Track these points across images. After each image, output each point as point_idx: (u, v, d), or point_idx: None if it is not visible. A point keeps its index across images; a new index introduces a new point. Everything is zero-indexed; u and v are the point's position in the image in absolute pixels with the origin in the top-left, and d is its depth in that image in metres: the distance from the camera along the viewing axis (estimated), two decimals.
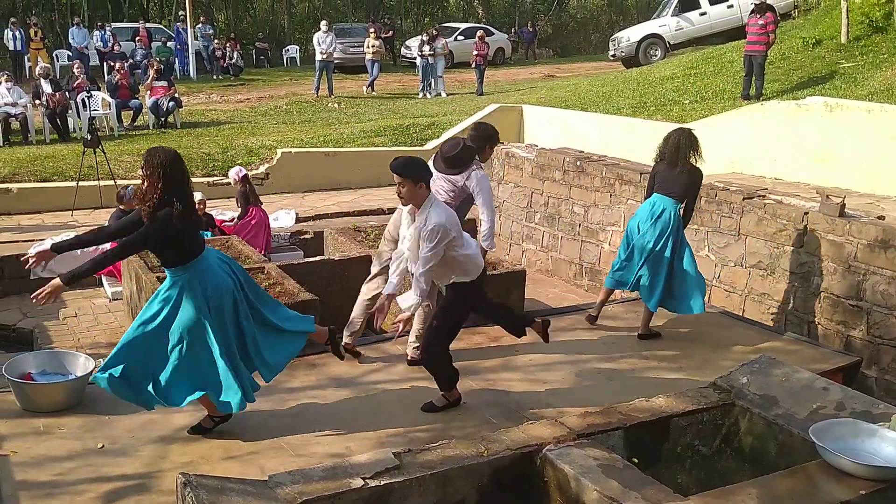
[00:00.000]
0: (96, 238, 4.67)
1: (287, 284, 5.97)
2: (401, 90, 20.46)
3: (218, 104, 18.18)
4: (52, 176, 10.67)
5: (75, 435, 4.38)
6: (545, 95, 16.53)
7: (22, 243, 8.45)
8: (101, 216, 9.23)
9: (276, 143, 12.48)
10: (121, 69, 14.96)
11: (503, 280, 6.41)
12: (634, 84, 15.59)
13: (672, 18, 20.47)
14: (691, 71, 15.45)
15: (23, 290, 8.00)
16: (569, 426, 4.11)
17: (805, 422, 4.08)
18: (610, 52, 21.83)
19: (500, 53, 27.09)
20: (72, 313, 7.43)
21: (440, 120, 14.65)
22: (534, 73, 24.27)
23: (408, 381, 5.16)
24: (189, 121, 15.36)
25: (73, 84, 14.10)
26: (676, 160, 5.78)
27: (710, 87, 13.91)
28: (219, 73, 22.66)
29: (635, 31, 21.43)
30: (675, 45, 20.58)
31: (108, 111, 14.12)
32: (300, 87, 20.47)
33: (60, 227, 9.12)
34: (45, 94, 13.29)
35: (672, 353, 5.69)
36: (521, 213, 9.26)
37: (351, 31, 25.32)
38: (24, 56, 20.77)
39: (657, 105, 13.26)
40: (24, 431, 4.40)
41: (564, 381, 5.20)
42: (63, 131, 13.43)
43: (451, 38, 24.27)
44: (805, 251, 6.45)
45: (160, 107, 14.53)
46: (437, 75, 19.42)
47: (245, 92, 20.05)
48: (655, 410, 4.35)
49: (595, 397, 4.86)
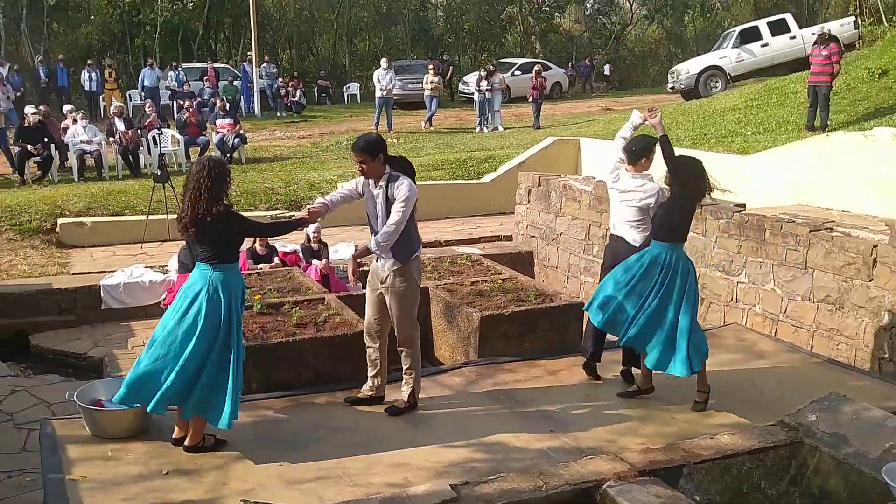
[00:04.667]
0: None
1: (346, 315, 6.04)
2: (458, 125, 20.69)
3: (281, 140, 18.67)
4: (123, 210, 11.08)
5: (141, 460, 4.49)
6: (602, 128, 16.49)
7: (94, 274, 8.79)
8: (170, 248, 9.53)
9: (337, 178, 12.74)
10: (189, 107, 15.53)
11: (561, 312, 6.37)
12: (694, 116, 15.44)
13: (733, 50, 20.28)
14: (753, 102, 15.22)
15: (94, 321, 8.32)
16: (630, 462, 4.04)
17: (877, 461, 3.92)
18: (669, 84, 21.71)
19: (557, 88, 27.19)
20: (140, 342, 7.67)
21: (497, 153, 14.74)
22: (591, 106, 24.26)
23: (465, 412, 5.15)
24: (253, 156, 15.82)
25: (145, 122, 14.68)
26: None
27: (773, 118, 13.68)
28: (282, 110, 23.30)
29: (695, 62, 21.29)
30: (736, 76, 20.35)
31: (176, 148, 14.65)
32: (360, 122, 20.89)
33: (131, 258, 9.46)
34: (119, 132, 13.87)
35: (737, 389, 5.54)
36: (579, 246, 9.21)
37: (410, 67, 25.79)
38: (100, 96, 21.77)
39: (718, 136, 13.09)
40: (93, 456, 4.53)
41: (624, 416, 5.11)
42: (134, 167, 13.97)
43: (508, 73, 24.49)
44: (874, 285, 6.24)
45: (226, 143, 14.99)
46: (495, 110, 19.59)
47: (307, 128, 20.56)
48: (720, 448, 4.24)
49: (656, 433, 4.76)
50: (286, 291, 6.89)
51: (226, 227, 4.44)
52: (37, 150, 13.12)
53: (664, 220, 5.14)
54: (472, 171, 13.58)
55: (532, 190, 10.12)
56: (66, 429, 4.83)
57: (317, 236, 8.58)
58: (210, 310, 4.41)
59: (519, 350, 6.17)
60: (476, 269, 7.74)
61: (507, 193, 11.45)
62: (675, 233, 5.14)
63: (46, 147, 13.27)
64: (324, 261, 8.32)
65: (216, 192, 4.39)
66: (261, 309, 6.19)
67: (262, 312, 6.14)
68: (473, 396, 5.44)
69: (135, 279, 8.50)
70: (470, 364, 6.02)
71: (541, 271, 9.84)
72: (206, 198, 4.35)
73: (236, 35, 32.14)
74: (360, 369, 5.46)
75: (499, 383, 5.64)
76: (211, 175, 4.37)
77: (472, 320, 6.16)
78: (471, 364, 6.01)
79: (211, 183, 4.36)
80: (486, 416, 4.99)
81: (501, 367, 5.93)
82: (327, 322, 5.91)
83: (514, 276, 7.41)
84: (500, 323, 6.17)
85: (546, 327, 6.32)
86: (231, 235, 4.53)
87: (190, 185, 4.42)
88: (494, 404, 5.30)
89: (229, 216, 4.48)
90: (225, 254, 4.50)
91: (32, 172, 13.32)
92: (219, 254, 4.47)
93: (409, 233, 4.95)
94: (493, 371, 5.86)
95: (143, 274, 8.63)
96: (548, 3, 36.92)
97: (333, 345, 5.62)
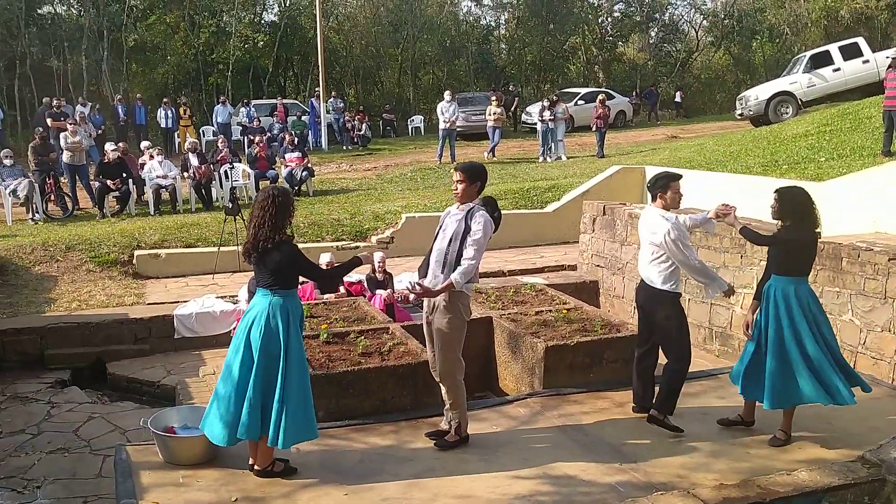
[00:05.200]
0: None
1: (410, 344, 6.07)
2: (521, 155, 20.72)
3: (347, 173, 19.03)
4: (196, 242, 11.42)
5: (212, 487, 4.58)
6: (668, 156, 16.28)
7: (168, 304, 9.05)
8: (240, 279, 9.77)
9: (401, 209, 12.89)
10: (260, 142, 16.01)
11: (628, 343, 6.26)
12: (765, 142, 15.10)
13: (804, 75, 19.86)
14: (826, 128, 14.81)
15: (167, 349, 8.56)
16: (703, 499, 3.93)
17: None
18: (737, 111, 21.34)
19: (621, 116, 27.03)
20: (210, 371, 7.84)
21: (560, 183, 14.69)
22: (656, 134, 24.00)
23: (530, 443, 5.09)
24: (320, 189, 16.15)
25: (217, 157, 15.18)
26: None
27: (847, 143, 13.27)
28: (348, 143, 23.78)
29: (764, 88, 20.89)
30: (808, 102, 19.88)
31: (247, 181, 15.08)
32: (424, 154, 21.14)
33: (203, 288, 9.73)
34: (192, 167, 14.38)
35: (815, 423, 5.33)
36: None
37: (473, 99, 26.03)
38: (175, 132, 22.63)
39: (790, 163, 12.76)
40: (165, 482, 4.64)
41: (696, 450, 4.96)
42: (207, 200, 14.43)
43: (571, 102, 24.48)
44: None
45: (294, 176, 15.36)
46: (558, 139, 19.56)
47: (372, 161, 20.90)
48: (798, 485, 4.09)
49: (730, 469, 4.61)
50: (351, 321, 6.97)
51: (285, 257, 4.54)
52: (116, 185, 13.69)
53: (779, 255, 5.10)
54: (536, 201, 13.55)
55: (597, 219, 10.03)
56: (140, 455, 4.97)
57: (382, 266, 8.67)
58: (266, 337, 4.51)
59: (584, 381, 6.09)
60: (540, 298, 7.69)
61: (571, 223, 11.37)
62: (789, 267, 5.05)
63: (125, 182, 13.85)
64: (388, 291, 8.39)
65: (279, 221, 4.51)
66: (327, 338, 6.27)
67: (328, 341, 6.22)
68: (538, 427, 5.38)
69: (206, 309, 8.73)
70: (535, 395, 5.96)
71: (606, 301, 9.71)
72: (269, 225, 4.48)
73: (304, 71, 33.07)
74: (423, 398, 5.47)
75: (564, 414, 5.57)
76: (275, 204, 4.51)
77: (537, 350, 6.10)
78: (535, 395, 5.95)
79: (275, 211, 4.49)
80: (552, 448, 4.91)
81: (567, 398, 5.86)
82: (392, 351, 5.95)
83: (579, 305, 7.34)
84: (566, 353, 6.10)
85: (612, 358, 6.23)
86: (289, 263, 4.61)
87: (255, 212, 4.56)
88: (560, 436, 5.23)
89: (290, 250, 4.57)
90: (284, 281, 4.60)
91: (111, 206, 13.89)
92: (278, 281, 4.58)
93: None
94: (559, 402, 5.79)
95: (214, 304, 8.85)
96: (611, 32, 36.89)
97: (398, 374, 5.65)
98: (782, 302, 4.95)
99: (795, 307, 4.93)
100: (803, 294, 4.99)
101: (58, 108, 18.98)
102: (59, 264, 10.40)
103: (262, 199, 4.57)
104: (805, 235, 5.02)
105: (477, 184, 4.91)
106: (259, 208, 4.54)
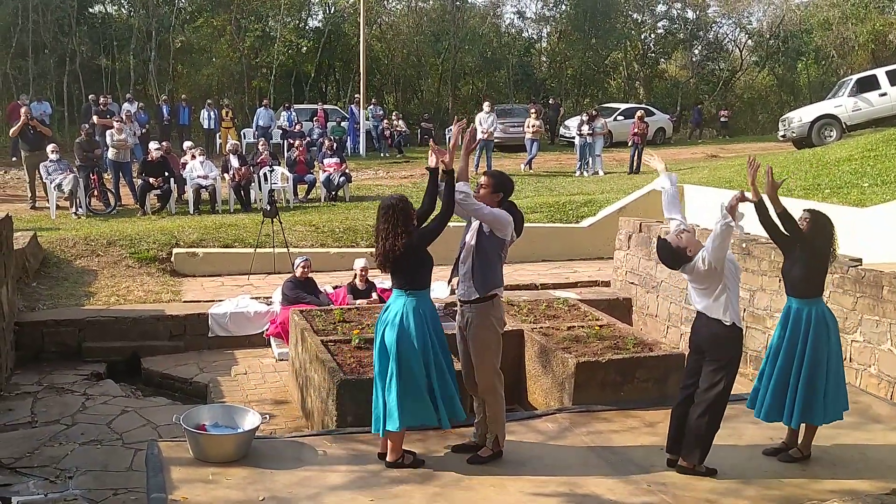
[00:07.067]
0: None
1: None
2: (558, 168, 20.66)
3: (384, 179, 19.14)
4: (233, 242, 11.57)
5: (240, 486, 4.62)
6: (707, 175, 16.10)
7: (204, 303, 9.18)
8: (275, 281, 9.87)
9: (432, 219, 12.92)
10: (299, 146, 16.18)
11: (661, 362, 6.21)
12: (807, 165, 14.87)
13: (849, 99, 19.54)
14: (871, 153, 14.54)
15: (201, 347, 8.68)
16: None
17: None
18: (780, 132, 21.05)
19: (660, 133, 26.82)
20: (242, 370, 7.93)
21: (596, 198, 14.61)
22: (695, 153, 23.75)
23: (557, 460, 5.06)
24: (357, 194, 16.26)
25: (258, 159, 15.37)
26: None
27: (891, 170, 13.00)
28: (385, 150, 23.92)
29: (808, 111, 20.59)
30: (852, 126, 19.53)
31: (285, 184, 15.24)
32: None
33: (238, 288, 9.85)
34: (233, 169, 14.58)
35: (848, 454, 5.22)
36: (680, 295, 8.96)
37: (512, 111, 26.04)
38: (217, 134, 22.98)
39: (833, 187, 12.54)
40: (194, 479, 4.70)
41: (727, 475, 4.89)
42: (246, 202, 14.61)
43: (610, 118, 24.36)
44: None
45: (332, 181, 15.49)
46: (596, 154, 19.47)
47: (409, 168, 20.99)
48: None
49: (760, 496, 4.54)
50: None
51: (413, 256, 4.69)
52: (158, 184, 13.93)
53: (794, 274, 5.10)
54: (571, 215, 13.49)
55: (632, 236, 9.96)
56: (172, 451, 5.04)
57: (364, 275, 8.75)
58: (399, 338, 4.69)
59: (615, 399, 6.04)
60: (573, 313, 7.65)
61: (606, 238, 11.29)
62: (801, 287, 5.10)
63: (166, 181, 14.09)
64: (370, 298, 8.40)
65: (405, 228, 4.66)
66: (358, 343, 6.31)
67: (359, 347, 6.26)
68: (566, 443, 5.35)
69: (241, 309, 8.83)
70: (564, 410, 5.92)
71: (639, 319, 9.62)
72: (394, 234, 4.63)
73: (346, 78, 33.35)
74: None
75: (593, 432, 5.53)
76: (397, 213, 4.67)
77: (568, 366, 6.07)
78: (565, 410, 5.92)
79: (398, 220, 4.65)
80: (580, 465, 4.87)
81: (596, 415, 5.81)
82: None
83: (612, 322, 7.28)
84: (597, 370, 6.06)
85: (644, 377, 6.17)
86: (419, 264, 4.77)
87: (380, 225, 4.71)
88: (588, 453, 5.20)
89: (418, 240, 4.70)
90: (415, 282, 4.79)
91: (152, 204, 14.13)
92: (410, 282, 4.78)
93: (493, 265, 4.96)
94: (588, 419, 5.75)
95: (248, 304, 8.96)
96: (654, 49, 36.64)
97: None
98: (803, 323, 5.04)
99: (813, 328, 5.02)
100: (820, 313, 5.10)
101: (104, 105, 19.40)
102: (99, 259, 10.60)
103: (385, 212, 4.70)
104: (825, 247, 5.07)
105: (500, 194, 4.95)
106: (384, 221, 4.68)
